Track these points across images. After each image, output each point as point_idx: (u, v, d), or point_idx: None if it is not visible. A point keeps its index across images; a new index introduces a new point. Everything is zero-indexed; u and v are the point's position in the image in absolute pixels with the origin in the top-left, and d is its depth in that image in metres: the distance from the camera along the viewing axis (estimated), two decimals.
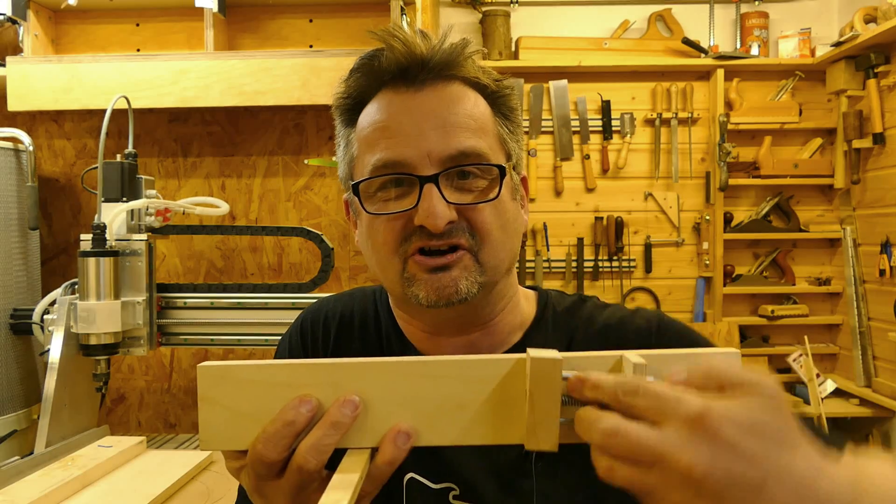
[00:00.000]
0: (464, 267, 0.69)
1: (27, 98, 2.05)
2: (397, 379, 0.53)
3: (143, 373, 2.33)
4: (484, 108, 0.73)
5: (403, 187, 0.69)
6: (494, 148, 0.72)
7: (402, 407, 0.52)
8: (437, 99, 0.70)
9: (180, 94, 2.03)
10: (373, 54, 0.72)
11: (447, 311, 0.70)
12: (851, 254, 2.81)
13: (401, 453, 0.52)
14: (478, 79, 0.73)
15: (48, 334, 1.76)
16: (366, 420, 0.52)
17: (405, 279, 0.70)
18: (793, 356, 2.83)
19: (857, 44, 2.59)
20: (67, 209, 2.37)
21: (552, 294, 0.84)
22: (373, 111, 0.72)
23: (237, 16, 2.31)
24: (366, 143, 0.72)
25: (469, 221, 0.69)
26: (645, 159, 3.00)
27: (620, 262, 2.98)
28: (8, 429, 1.90)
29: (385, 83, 0.72)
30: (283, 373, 0.53)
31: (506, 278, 0.76)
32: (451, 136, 0.69)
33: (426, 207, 0.67)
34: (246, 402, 0.53)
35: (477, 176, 0.70)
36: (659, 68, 2.94)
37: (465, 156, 0.69)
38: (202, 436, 0.54)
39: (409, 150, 0.68)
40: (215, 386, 0.53)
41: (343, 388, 0.52)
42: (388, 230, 0.70)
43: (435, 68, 0.70)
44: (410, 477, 0.76)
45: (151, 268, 1.80)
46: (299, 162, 2.33)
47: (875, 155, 2.71)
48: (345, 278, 2.34)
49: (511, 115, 0.76)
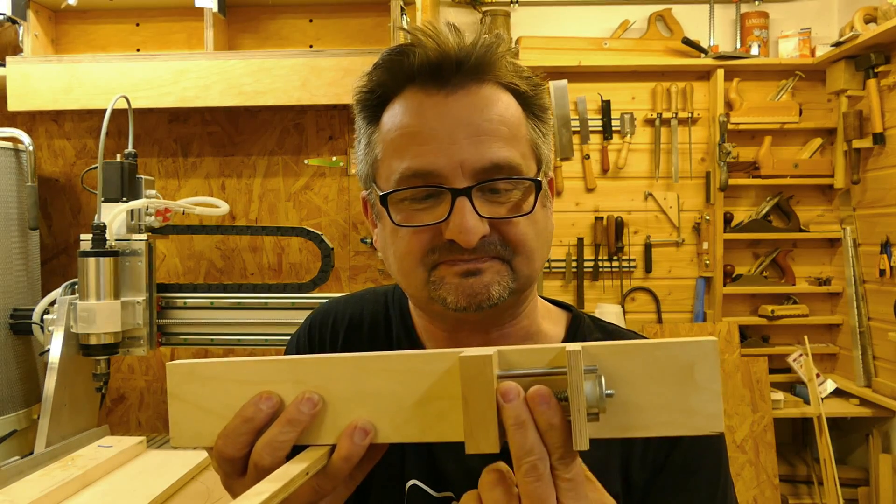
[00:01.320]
0: (496, 272, 0.66)
1: (27, 98, 2.05)
2: (359, 375, 0.52)
3: (143, 373, 2.33)
4: (516, 111, 0.69)
5: (434, 198, 0.66)
6: (527, 155, 0.69)
7: (364, 403, 0.52)
8: (470, 104, 0.66)
9: (180, 94, 2.03)
10: (402, 49, 0.68)
11: (474, 314, 0.67)
12: (851, 254, 2.81)
13: (357, 449, 0.51)
14: (513, 83, 0.69)
15: (48, 334, 1.76)
16: (327, 417, 0.52)
17: (431, 283, 0.68)
18: (793, 356, 2.83)
19: (857, 44, 2.58)
20: (67, 209, 2.37)
21: (586, 318, 0.82)
22: (399, 112, 0.68)
23: (237, 16, 2.31)
24: (393, 147, 0.68)
25: (502, 234, 0.66)
26: (645, 159, 2.99)
27: (620, 262, 2.98)
28: (8, 429, 1.90)
29: (412, 82, 0.68)
30: (247, 370, 0.53)
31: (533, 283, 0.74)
32: (485, 145, 0.65)
33: (458, 223, 0.64)
34: (212, 400, 0.53)
35: (510, 188, 0.67)
36: (659, 68, 2.94)
37: (498, 168, 0.65)
38: (172, 432, 0.54)
39: (441, 160, 0.65)
40: (183, 383, 0.54)
41: (306, 385, 0.52)
42: (416, 241, 0.67)
43: (469, 70, 0.67)
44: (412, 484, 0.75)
45: (151, 268, 1.80)
46: (299, 162, 2.33)
47: (875, 155, 2.71)
48: (345, 278, 2.34)
49: (542, 116, 0.72)
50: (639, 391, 0.48)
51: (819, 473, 2.77)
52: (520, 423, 0.47)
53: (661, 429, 0.48)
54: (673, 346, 0.48)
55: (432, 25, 0.67)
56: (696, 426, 0.47)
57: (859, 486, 2.76)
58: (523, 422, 0.47)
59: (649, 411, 0.48)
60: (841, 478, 2.68)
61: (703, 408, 0.47)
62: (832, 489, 2.63)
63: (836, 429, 2.83)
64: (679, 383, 0.48)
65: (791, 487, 2.89)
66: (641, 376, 0.48)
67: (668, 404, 0.47)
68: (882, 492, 2.64)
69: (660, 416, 0.48)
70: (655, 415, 0.48)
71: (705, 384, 0.47)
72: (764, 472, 2.71)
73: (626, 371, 0.48)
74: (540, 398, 0.47)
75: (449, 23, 0.68)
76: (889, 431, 2.71)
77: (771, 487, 2.70)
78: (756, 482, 2.70)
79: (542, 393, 0.47)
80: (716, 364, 0.48)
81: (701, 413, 0.47)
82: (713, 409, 0.47)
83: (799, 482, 2.91)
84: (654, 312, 3.00)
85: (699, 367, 0.47)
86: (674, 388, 0.47)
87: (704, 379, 0.47)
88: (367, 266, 2.32)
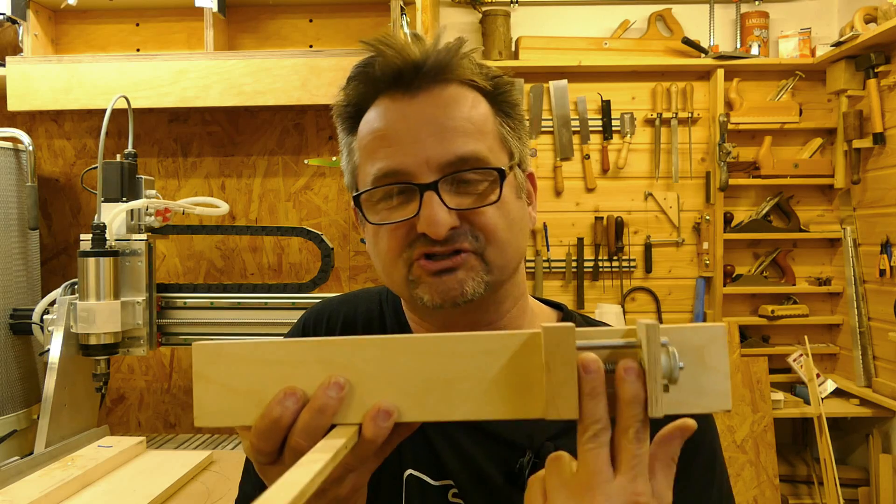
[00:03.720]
0: (469, 268, 0.69)
1: (27, 98, 2.05)
2: (385, 355, 0.53)
3: (143, 373, 2.33)
4: (483, 108, 0.72)
5: (404, 195, 0.69)
6: (495, 149, 0.72)
7: (391, 383, 0.53)
8: (434, 104, 0.69)
9: (180, 94, 2.03)
10: (368, 61, 0.72)
11: (454, 311, 0.70)
12: (851, 254, 2.81)
13: (382, 431, 0.52)
14: (474, 80, 0.72)
15: (48, 334, 1.76)
16: (354, 397, 0.53)
17: (410, 282, 0.70)
18: (793, 356, 2.83)
19: (857, 44, 2.58)
20: (67, 209, 2.37)
21: (577, 316, 0.84)
22: (371, 119, 0.72)
23: (237, 16, 2.31)
24: (365, 152, 0.72)
25: (473, 225, 0.69)
26: (645, 159, 2.99)
27: (620, 262, 2.98)
28: (8, 429, 1.90)
29: (381, 90, 0.71)
30: (274, 350, 0.54)
31: (513, 277, 0.75)
32: (449, 141, 0.68)
33: (427, 215, 0.67)
34: (237, 379, 0.54)
35: (478, 180, 0.69)
36: (659, 68, 2.94)
37: (463, 161, 0.68)
38: (196, 411, 0.55)
39: (408, 158, 0.68)
40: (210, 363, 0.55)
41: (332, 365, 0.54)
42: (392, 238, 0.70)
43: (430, 72, 0.70)
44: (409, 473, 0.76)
45: (151, 268, 1.80)
46: (299, 162, 2.33)
47: (875, 155, 2.71)
48: (345, 278, 2.34)
49: (512, 112, 0.75)
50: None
51: (819, 473, 2.77)
52: (595, 393, 0.50)
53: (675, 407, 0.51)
54: (685, 331, 0.51)
55: (389, 35, 0.71)
56: (706, 405, 0.51)
57: (859, 487, 2.76)
58: (599, 392, 0.50)
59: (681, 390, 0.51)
60: (841, 478, 2.68)
61: (713, 387, 0.51)
62: (832, 489, 2.63)
63: (837, 429, 2.83)
64: (692, 365, 0.51)
65: (791, 487, 2.89)
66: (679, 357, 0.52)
67: (681, 385, 0.51)
68: (882, 492, 2.64)
69: (675, 396, 0.51)
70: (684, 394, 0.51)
71: (715, 365, 0.51)
72: (764, 472, 2.71)
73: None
74: (632, 370, 0.50)
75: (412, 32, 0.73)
76: (889, 431, 2.71)
77: (771, 487, 2.70)
78: (756, 482, 2.70)
79: (634, 367, 0.50)
80: (724, 347, 0.51)
81: (711, 392, 0.51)
82: (722, 388, 0.51)
83: (799, 482, 2.91)
84: (655, 312, 3.00)
85: (709, 350, 0.51)
86: (687, 369, 0.51)
87: (714, 361, 0.51)
88: (367, 266, 2.32)
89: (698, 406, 0.51)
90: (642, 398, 0.49)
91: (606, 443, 0.50)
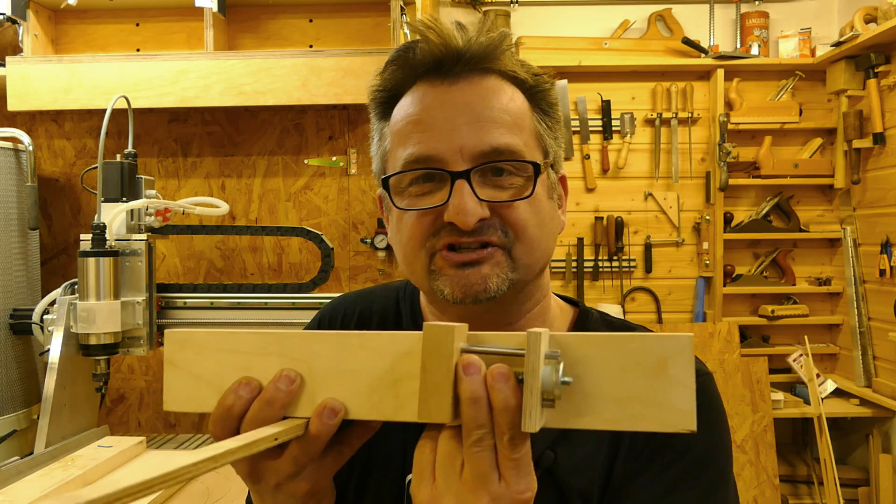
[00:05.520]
0: (495, 263, 0.66)
1: (27, 98, 2.05)
2: (340, 351, 0.53)
3: (143, 373, 2.33)
4: (521, 102, 0.71)
5: (434, 182, 0.67)
6: (530, 144, 0.70)
7: (343, 379, 0.53)
8: (472, 93, 0.68)
9: (180, 94, 2.03)
10: (408, 46, 0.70)
11: (474, 307, 0.67)
12: (851, 254, 2.81)
13: (327, 428, 0.52)
14: (515, 72, 0.70)
15: (48, 334, 1.76)
16: (307, 391, 0.53)
17: (431, 272, 0.68)
18: (793, 356, 2.83)
19: (857, 44, 2.58)
20: (67, 209, 2.37)
21: (594, 312, 0.82)
22: (406, 104, 0.70)
23: (237, 16, 2.31)
24: (398, 136, 0.70)
25: (503, 219, 0.67)
26: (645, 159, 2.99)
27: (620, 262, 2.98)
28: (8, 429, 1.90)
29: (420, 76, 0.70)
30: (236, 341, 0.55)
31: (537, 279, 0.73)
32: (485, 131, 0.66)
33: (456, 204, 0.65)
34: (203, 367, 0.56)
35: (511, 173, 0.67)
36: (659, 68, 2.94)
37: (498, 152, 0.66)
38: (165, 396, 0.57)
39: (441, 145, 0.66)
40: (178, 350, 0.56)
41: (290, 357, 0.54)
42: (417, 225, 0.68)
43: (471, 61, 0.68)
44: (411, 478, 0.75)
45: (151, 268, 1.80)
46: (299, 162, 2.33)
47: (875, 155, 2.71)
48: (345, 278, 2.34)
49: (550, 111, 0.73)
50: (609, 383, 0.47)
51: (819, 473, 2.77)
52: (475, 398, 0.48)
53: (629, 422, 0.47)
54: (647, 339, 0.47)
55: (434, 19, 0.69)
56: (666, 422, 0.46)
57: (859, 487, 2.76)
58: (479, 398, 0.48)
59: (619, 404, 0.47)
60: (841, 478, 2.68)
61: (674, 403, 0.46)
62: (832, 489, 2.63)
63: (837, 429, 2.83)
64: (651, 377, 0.46)
65: (791, 487, 2.89)
66: (613, 368, 0.47)
67: (639, 398, 0.46)
68: (882, 492, 2.64)
69: (629, 409, 0.47)
70: (625, 407, 0.47)
71: (679, 379, 0.46)
72: (764, 472, 2.71)
73: (596, 361, 0.48)
74: (499, 375, 0.48)
75: (455, 21, 0.70)
76: (889, 431, 2.71)
77: (771, 487, 2.70)
78: (756, 482, 2.70)
79: (503, 371, 0.48)
80: (690, 360, 0.46)
81: (672, 409, 0.46)
82: (685, 405, 0.46)
83: (799, 482, 2.91)
84: (655, 312, 3.00)
85: (673, 361, 0.46)
86: (646, 381, 0.46)
87: (678, 374, 0.46)
88: (367, 266, 2.32)
89: (656, 423, 0.46)
90: (513, 406, 0.47)
91: (490, 447, 0.49)
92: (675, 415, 0.46)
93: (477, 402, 0.48)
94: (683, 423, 0.46)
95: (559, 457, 0.69)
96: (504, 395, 0.47)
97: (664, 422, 0.46)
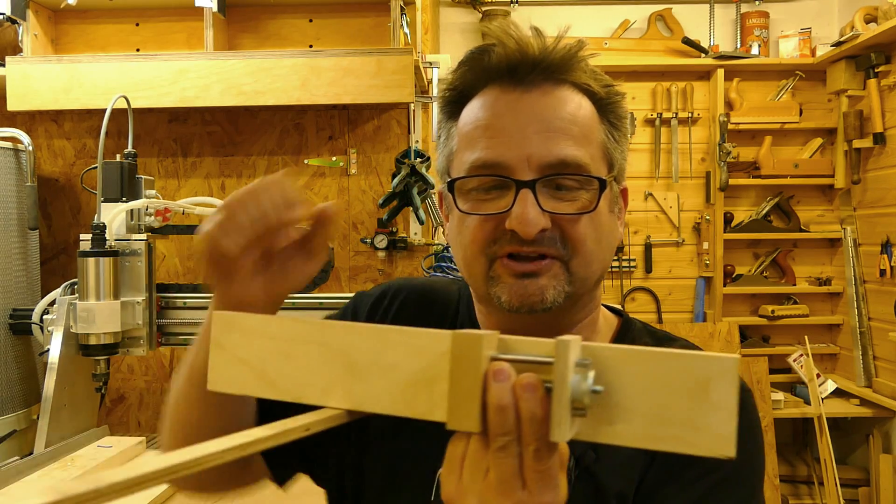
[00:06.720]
0: (553, 275, 0.67)
1: (27, 98, 2.05)
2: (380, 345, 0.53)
3: (142, 373, 2.33)
4: (591, 114, 0.71)
5: (499, 189, 0.68)
6: (597, 157, 0.70)
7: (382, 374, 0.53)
8: (544, 102, 0.68)
9: (180, 94, 2.02)
10: (483, 48, 0.71)
11: (528, 317, 0.68)
12: (851, 254, 2.81)
13: None
14: (588, 85, 0.71)
15: (48, 334, 1.76)
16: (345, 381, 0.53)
17: (490, 278, 0.69)
18: (793, 356, 2.82)
19: (857, 44, 2.58)
20: (67, 209, 2.37)
21: (637, 323, 0.82)
22: (476, 107, 0.71)
23: (237, 16, 2.30)
24: (466, 139, 0.71)
25: (563, 232, 0.67)
26: (645, 159, 2.99)
27: (620, 262, 2.98)
28: (8, 429, 1.89)
29: (492, 80, 0.70)
30: (278, 327, 0.56)
31: (592, 291, 0.74)
32: (554, 142, 0.67)
33: (519, 213, 0.65)
34: (247, 351, 0.56)
35: (576, 187, 0.68)
36: (659, 68, 2.94)
37: (565, 164, 0.67)
38: (210, 377, 0.57)
39: (510, 153, 0.67)
40: (225, 332, 0.57)
41: (330, 348, 0.54)
42: (479, 230, 0.69)
43: (546, 70, 0.69)
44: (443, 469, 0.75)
45: (151, 268, 1.80)
46: (299, 162, 2.33)
47: (875, 155, 2.71)
48: (345, 278, 2.34)
49: (618, 124, 0.73)
50: (644, 399, 0.45)
51: (819, 473, 2.76)
52: (502, 405, 0.47)
53: (664, 443, 0.45)
54: (689, 358, 0.44)
55: (514, 25, 0.70)
56: (703, 446, 0.44)
57: (860, 487, 2.76)
58: (506, 405, 0.47)
59: (654, 422, 0.45)
60: (841, 478, 2.68)
61: (713, 428, 0.44)
62: (832, 489, 2.63)
63: (837, 429, 2.83)
64: (691, 398, 0.44)
65: (791, 487, 2.89)
66: (652, 385, 0.45)
67: (676, 418, 0.44)
68: (882, 492, 2.64)
69: (665, 429, 0.45)
70: (660, 426, 0.45)
71: (720, 403, 0.44)
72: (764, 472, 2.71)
73: (633, 377, 0.46)
74: (528, 385, 0.47)
75: (533, 26, 0.71)
76: (889, 431, 2.71)
77: (771, 487, 2.70)
78: None
79: (531, 381, 0.47)
80: (734, 383, 0.44)
81: (710, 433, 0.44)
82: (725, 430, 0.43)
83: (799, 482, 2.91)
84: (655, 312, 3.00)
85: (716, 384, 0.44)
86: (684, 402, 0.44)
87: (720, 398, 0.44)
88: (368, 266, 2.32)
89: (692, 446, 0.44)
90: (539, 417, 0.46)
91: (515, 454, 0.48)
92: (714, 439, 0.44)
93: (504, 409, 0.47)
94: (721, 448, 0.44)
95: (600, 457, 0.69)
96: (530, 405, 0.47)
97: (701, 445, 0.44)
